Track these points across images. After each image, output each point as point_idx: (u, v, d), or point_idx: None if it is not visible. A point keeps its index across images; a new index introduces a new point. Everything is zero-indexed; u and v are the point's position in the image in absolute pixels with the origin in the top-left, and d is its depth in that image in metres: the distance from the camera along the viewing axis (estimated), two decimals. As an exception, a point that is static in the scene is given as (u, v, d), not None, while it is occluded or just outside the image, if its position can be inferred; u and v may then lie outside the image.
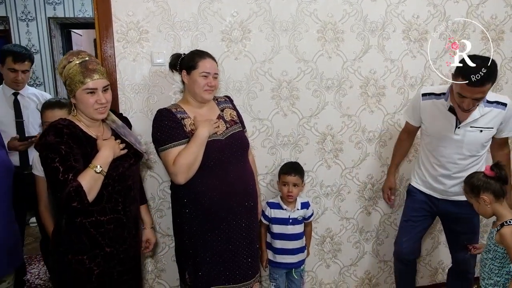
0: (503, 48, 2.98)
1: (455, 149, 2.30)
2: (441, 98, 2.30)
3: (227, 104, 2.30)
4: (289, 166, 2.58)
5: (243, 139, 2.23)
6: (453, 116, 2.25)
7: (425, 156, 2.45)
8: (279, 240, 2.55)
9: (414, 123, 2.49)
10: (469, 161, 2.31)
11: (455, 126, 2.26)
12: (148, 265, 2.66)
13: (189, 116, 2.11)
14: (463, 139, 2.26)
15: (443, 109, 2.28)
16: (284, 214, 2.54)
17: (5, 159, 1.93)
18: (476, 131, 2.24)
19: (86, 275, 1.76)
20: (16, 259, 1.97)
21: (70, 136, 1.69)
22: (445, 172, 2.36)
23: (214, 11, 2.47)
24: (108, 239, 1.79)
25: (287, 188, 2.50)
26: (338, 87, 2.73)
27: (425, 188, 2.48)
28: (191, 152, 2.00)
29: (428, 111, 2.34)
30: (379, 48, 2.76)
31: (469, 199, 2.17)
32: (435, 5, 2.80)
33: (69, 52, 1.82)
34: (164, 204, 2.59)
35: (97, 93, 1.74)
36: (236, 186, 2.11)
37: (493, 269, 2.09)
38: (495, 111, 2.23)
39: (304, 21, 2.61)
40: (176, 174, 2.01)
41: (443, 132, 2.30)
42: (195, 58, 2.11)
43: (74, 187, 1.61)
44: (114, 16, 2.35)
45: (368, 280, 3.06)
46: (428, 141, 2.41)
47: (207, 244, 2.10)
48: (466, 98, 2.07)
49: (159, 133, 2.06)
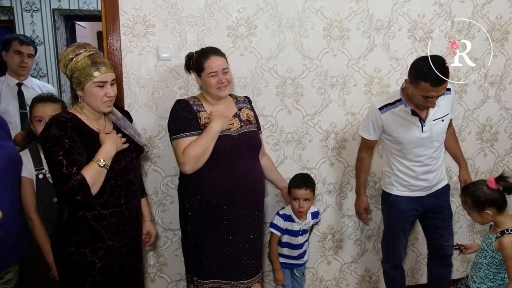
0: (508, 49, 2.98)
1: (427, 144, 2.35)
2: (398, 105, 2.31)
3: (246, 104, 2.32)
4: (299, 179, 2.47)
5: (255, 138, 2.24)
6: (416, 117, 2.30)
7: (399, 163, 2.43)
8: (286, 248, 2.53)
9: (375, 138, 2.46)
10: (439, 149, 2.41)
11: (421, 126, 2.31)
12: (150, 259, 2.67)
13: (205, 110, 2.16)
14: (431, 134, 2.33)
15: (405, 115, 2.31)
16: (294, 227, 2.48)
17: (13, 151, 1.93)
18: (439, 122, 2.34)
19: (88, 268, 1.77)
20: (21, 251, 1.98)
21: (74, 130, 1.70)
22: (426, 169, 2.39)
23: (220, 7, 2.47)
24: (110, 232, 1.80)
25: (297, 203, 2.40)
26: (342, 85, 2.74)
27: (409, 192, 2.45)
28: (202, 143, 2.04)
29: (391, 121, 2.34)
30: (384, 47, 2.76)
31: (468, 210, 2.13)
32: (441, 4, 2.80)
33: (74, 44, 1.81)
34: (167, 198, 2.60)
35: (106, 86, 1.74)
36: (242, 183, 2.12)
37: (488, 274, 2.08)
38: (445, 98, 2.33)
39: (310, 18, 2.61)
40: (184, 164, 2.05)
41: (413, 135, 2.32)
42: (200, 60, 2.13)
43: (78, 181, 1.62)
44: (121, 10, 2.36)
45: (368, 278, 3.07)
46: (399, 148, 2.39)
47: (209, 236, 2.12)
48: (432, 98, 2.14)
49: (174, 122, 2.11)
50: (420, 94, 2.15)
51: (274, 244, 2.53)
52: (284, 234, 2.51)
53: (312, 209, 2.57)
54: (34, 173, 2.07)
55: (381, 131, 2.42)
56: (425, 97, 2.14)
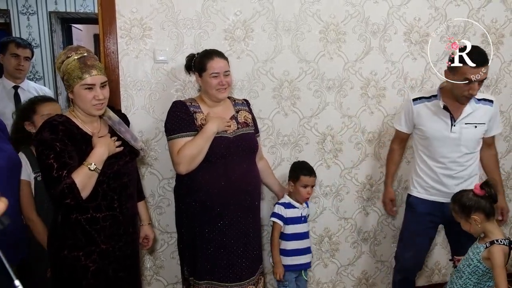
0: (503, 52, 3.00)
1: (453, 147, 2.34)
2: (432, 100, 2.37)
3: (244, 107, 2.33)
4: (307, 167, 2.55)
5: (252, 141, 2.24)
6: (448, 113, 2.32)
7: (423, 162, 2.45)
8: (292, 241, 2.51)
9: (406, 130, 2.51)
10: (468, 158, 2.36)
11: (451, 125, 2.31)
12: (147, 262, 2.66)
13: (202, 111, 2.17)
14: (460, 137, 2.32)
15: (437, 109, 2.34)
16: (296, 213, 2.51)
17: (13, 154, 1.93)
18: (471, 127, 2.32)
19: (82, 271, 1.76)
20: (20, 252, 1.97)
21: (65, 133, 1.70)
22: (447, 172, 2.38)
23: (217, 10, 2.48)
24: (104, 236, 1.79)
25: (306, 190, 2.49)
26: (339, 87, 2.75)
27: (428, 195, 2.44)
28: (197, 144, 2.05)
29: (422, 113, 2.38)
30: (380, 50, 2.77)
31: (458, 218, 2.13)
32: (437, 8, 2.82)
33: (67, 47, 1.82)
34: (164, 201, 2.60)
35: (95, 89, 1.74)
36: (236, 185, 2.12)
37: (468, 283, 2.07)
38: (484, 107, 2.35)
39: (306, 22, 2.62)
40: (179, 164, 2.07)
41: (440, 132, 2.34)
42: (204, 60, 2.14)
43: (67, 184, 1.62)
44: (118, 13, 2.36)
45: (365, 280, 3.08)
46: (426, 144, 2.41)
47: (204, 237, 2.13)
48: (473, 83, 2.16)
49: (170, 122, 2.13)
50: (461, 79, 2.18)
51: (276, 235, 2.50)
52: (287, 223, 2.49)
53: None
54: (32, 175, 2.07)
55: (412, 124, 2.45)
56: (466, 82, 2.16)
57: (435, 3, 2.81)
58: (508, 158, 3.16)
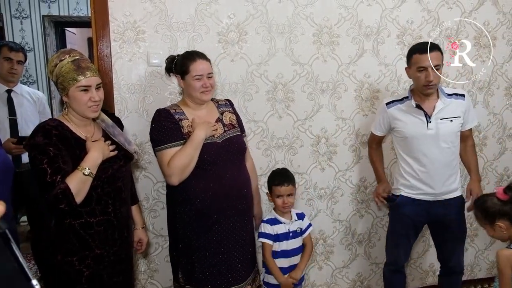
0: (495, 54, 3.02)
1: (432, 143, 2.36)
2: (404, 101, 2.43)
3: (227, 108, 2.29)
4: (279, 175, 2.41)
5: (240, 143, 2.22)
6: (421, 111, 2.35)
7: (404, 162, 2.46)
8: (280, 259, 2.37)
9: (381, 133, 2.58)
10: (448, 153, 2.38)
11: (427, 122, 2.34)
12: (141, 266, 2.65)
13: (187, 117, 2.12)
14: (437, 132, 2.35)
15: (411, 109, 2.38)
16: (283, 229, 2.36)
17: (5, 158, 1.92)
18: (447, 122, 2.36)
19: (76, 277, 1.75)
20: None
21: (59, 138, 1.69)
22: (429, 171, 2.39)
23: (211, 13, 2.48)
24: (98, 241, 1.78)
25: (281, 200, 2.33)
26: (333, 90, 2.75)
27: (415, 194, 2.44)
28: (187, 153, 2.01)
29: (397, 115, 2.42)
30: (373, 53, 2.78)
31: (483, 225, 2.06)
32: (429, 10, 2.83)
33: (60, 51, 1.82)
34: (158, 204, 2.59)
35: (90, 90, 1.74)
36: (230, 189, 2.11)
37: None
38: (456, 102, 2.40)
39: (300, 24, 2.63)
40: (170, 176, 2.02)
41: (417, 130, 2.37)
42: (186, 62, 2.09)
43: (61, 189, 1.61)
44: (111, 16, 2.36)
45: (360, 282, 3.08)
46: (405, 144, 2.43)
47: (200, 245, 2.10)
48: (427, 70, 2.24)
49: (156, 133, 2.07)
50: (415, 69, 2.28)
51: (268, 256, 2.36)
52: (275, 241, 2.36)
53: (297, 210, 2.50)
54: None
55: (388, 127, 2.50)
56: (420, 70, 2.26)
57: (427, 6, 2.83)
58: (501, 160, 3.17)
